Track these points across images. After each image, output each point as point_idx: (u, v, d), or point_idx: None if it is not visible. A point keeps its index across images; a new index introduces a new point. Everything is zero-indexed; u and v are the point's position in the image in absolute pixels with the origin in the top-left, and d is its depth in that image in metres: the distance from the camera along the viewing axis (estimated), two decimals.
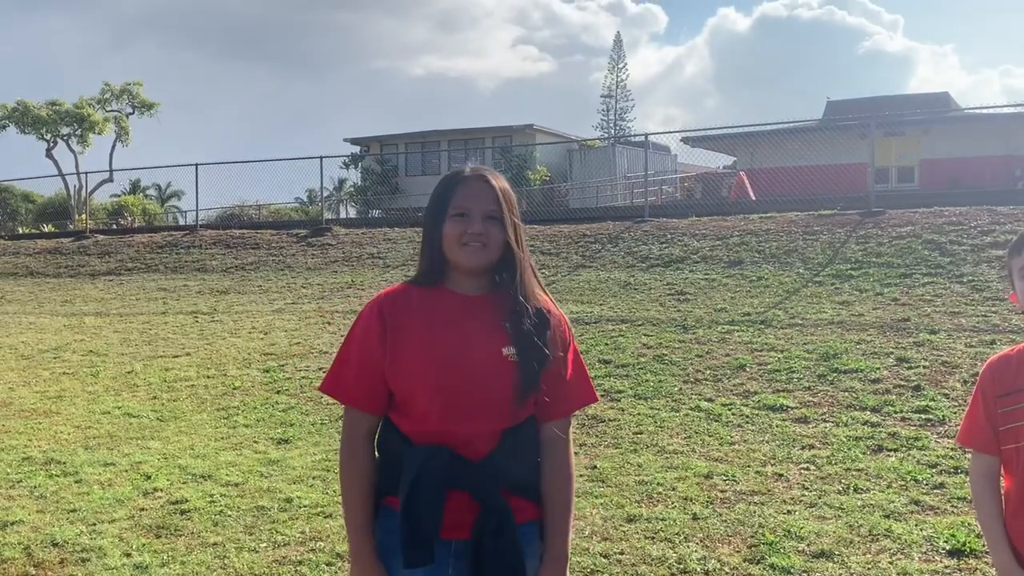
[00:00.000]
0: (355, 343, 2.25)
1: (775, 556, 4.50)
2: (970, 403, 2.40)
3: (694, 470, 5.96)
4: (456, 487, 2.12)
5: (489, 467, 2.14)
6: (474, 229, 2.17)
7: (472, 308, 2.22)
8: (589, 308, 11.63)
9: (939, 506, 5.13)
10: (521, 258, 2.23)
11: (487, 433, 2.16)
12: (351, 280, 15.29)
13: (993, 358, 2.39)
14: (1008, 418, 2.25)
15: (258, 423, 7.68)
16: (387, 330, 2.20)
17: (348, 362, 2.25)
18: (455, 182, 2.24)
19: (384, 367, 2.19)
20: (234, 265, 17.79)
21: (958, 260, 11.34)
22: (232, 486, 5.96)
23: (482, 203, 2.19)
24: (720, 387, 7.97)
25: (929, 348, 8.33)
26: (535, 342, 2.18)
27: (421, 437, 2.16)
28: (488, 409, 2.16)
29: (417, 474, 2.10)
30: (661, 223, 15.91)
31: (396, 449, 2.20)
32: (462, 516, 2.13)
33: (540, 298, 2.26)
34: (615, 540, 4.82)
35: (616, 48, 77.43)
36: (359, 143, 37.53)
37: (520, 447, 2.21)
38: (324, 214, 23.46)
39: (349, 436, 2.26)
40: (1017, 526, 2.26)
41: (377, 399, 2.22)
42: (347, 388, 2.25)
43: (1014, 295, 2.33)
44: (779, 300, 10.97)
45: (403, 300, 2.25)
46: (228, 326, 12.32)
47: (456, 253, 2.19)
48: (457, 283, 2.25)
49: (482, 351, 2.17)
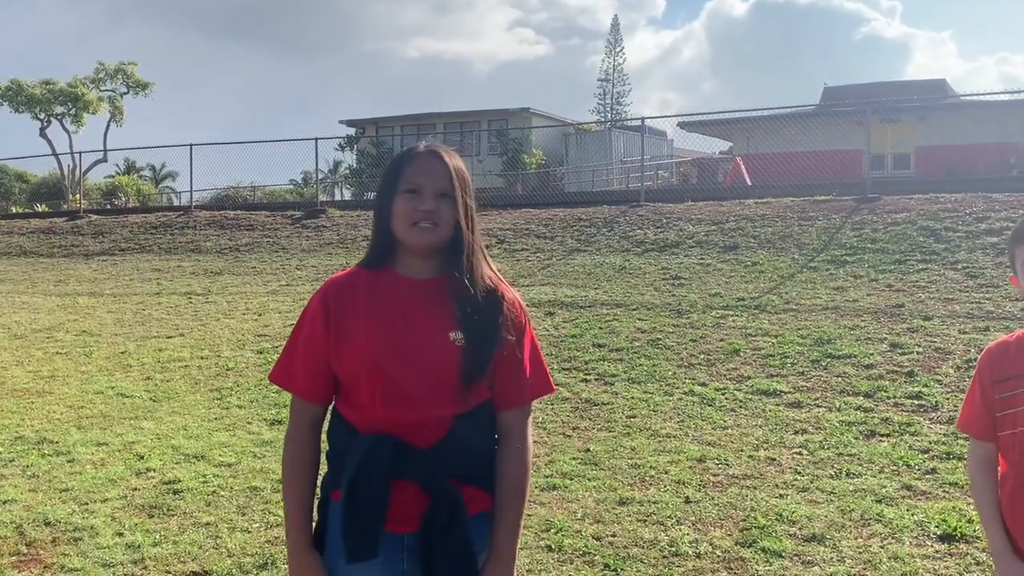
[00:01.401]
0: (301, 331, 2.19)
1: (767, 540, 4.51)
2: (969, 389, 2.40)
3: (687, 454, 5.97)
4: (403, 477, 2.03)
5: (437, 456, 2.06)
6: (426, 206, 2.08)
7: (419, 291, 2.14)
8: (584, 292, 11.62)
9: (931, 491, 5.15)
10: (470, 239, 2.14)
11: (435, 420, 2.07)
12: (345, 262, 15.26)
13: (992, 344, 2.39)
14: (1005, 404, 2.25)
15: (251, 404, 7.68)
16: (331, 316, 2.13)
17: (294, 351, 2.19)
18: (408, 158, 2.15)
19: (329, 355, 2.12)
20: (228, 246, 17.75)
21: (953, 247, 11.35)
22: (225, 467, 5.95)
23: (434, 180, 2.10)
24: (714, 371, 7.98)
25: (923, 334, 8.35)
26: (483, 326, 2.10)
27: (367, 426, 2.08)
28: (434, 395, 2.07)
29: (359, 464, 2.02)
30: (657, 208, 15.90)
31: (343, 439, 2.13)
32: (412, 508, 2.05)
33: (491, 280, 2.17)
34: (607, 523, 4.83)
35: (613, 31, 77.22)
36: (355, 125, 37.39)
37: (472, 435, 2.12)
38: (319, 196, 23.40)
39: (294, 425, 2.19)
40: (1013, 511, 2.26)
41: (321, 388, 2.16)
42: (293, 377, 2.19)
43: (1014, 278, 2.32)
44: (774, 285, 10.98)
45: (350, 285, 2.17)
46: (222, 307, 12.30)
47: (405, 232, 2.11)
48: (405, 265, 2.16)
49: (427, 335, 2.09)
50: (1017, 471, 2.24)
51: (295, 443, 2.18)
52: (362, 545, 2.01)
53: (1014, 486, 2.25)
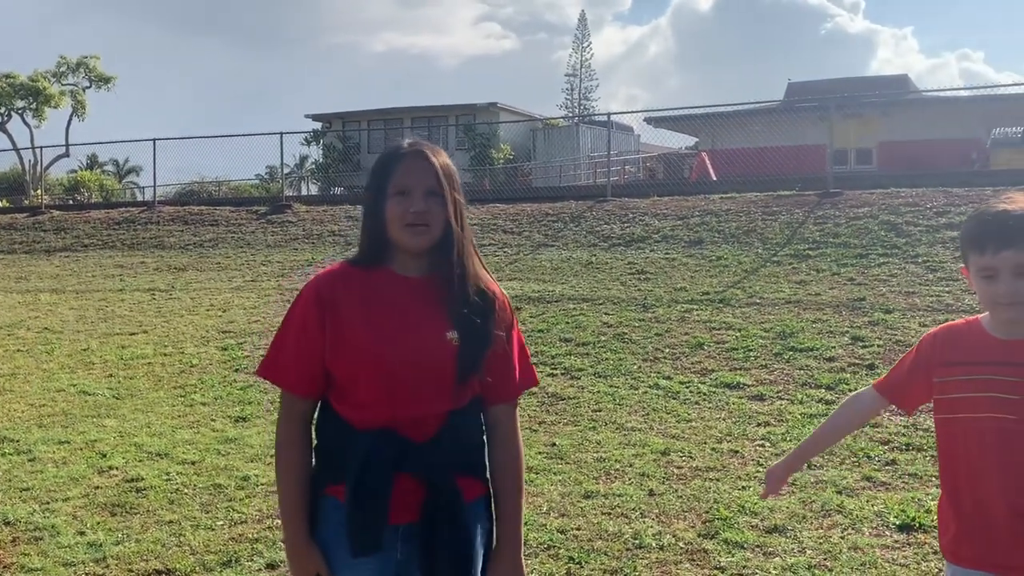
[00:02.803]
0: (292, 327, 2.19)
1: (729, 531, 4.56)
2: (900, 360, 2.45)
3: (651, 447, 6.02)
4: (403, 470, 2.09)
5: (434, 448, 2.11)
6: (416, 207, 2.10)
7: (415, 290, 2.17)
8: (551, 287, 11.66)
9: (890, 482, 5.23)
10: (461, 237, 2.17)
11: (432, 415, 2.13)
12: (311, 257, 15.19)
13: (940, 327, 2.42)
14: (944, 388, 2.29)
15: (215, 401, 7.63)
16: (327, 313, 2.14)
17: (285, 346, 2.20)
18: (394, 159, 2.16)
19: (323, 351, 2.14)
20: (192, 242, 17.59)
21: (913, 241, 11.52)
22: (189, 464, 5.92)
23: (423, 180, 2.12)
24: (678, 365, 8.04)
25: (883, 327, 8.47)
26: (477, 324, 2.14)
27: (364, 422, 2.11)
28: (433, 392, 2.12)
29: (365, 460, 2.07)
30: (623, 203, 15.97)
31: (337, 436, 2.16)
32: (409, 499, 2.10)
33: (482, 277, 2.21)
34: (572, 516, 4.86)
35: (580, 27, 77.54)
36: (320, 119, 37.17)
37: (464, 428, 2.19)
38: (285, 191, 23.24)
39: (286, 420, 2.21)
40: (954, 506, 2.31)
41: (315, 383, 2.17)
42: (284, 372, 2.19)
43: (965, 270, 2.35)
44: (738, 279, 11.08)
45: (343, 282, 2.19)
46: (186, 303, 12.20)
47: (399, 233, 2.13)
48: (400, 264, 2.19)
49: (425, 333, 2.13)
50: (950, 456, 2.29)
51: (288, 438, 2.19)
52: (368, 539, 2.06)
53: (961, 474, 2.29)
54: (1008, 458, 2.20)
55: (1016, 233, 2.16)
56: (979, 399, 2.23)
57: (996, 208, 2.24)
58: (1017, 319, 2.21)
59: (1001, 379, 2.21)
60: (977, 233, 2.23)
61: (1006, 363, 2.21)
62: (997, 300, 2.20)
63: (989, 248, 2.18)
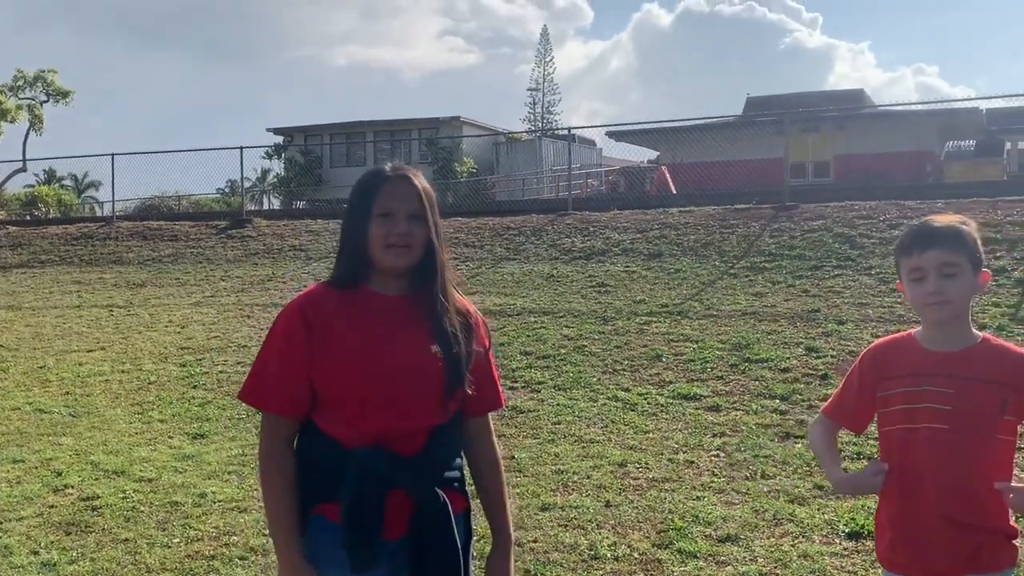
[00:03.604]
0: (276, 347, 2.22)
1: (683, 541, 4.64)
2: (845, 379, 2.53)
3: (609, 459, 6.08)
4: (394, 486, 2.14)
5: (423, 462, 2.18)
6: (400, 230, 2.18)
7: (396, 308, 2.24)
8: (512, 300, 11.72)
9: None
10: (442, 258, 2.26)
11: (421, 429, 2.20)
12: (272, 273, 15.12)
13: (878, 342, 2.52)
14: (886, 402, 2.38)
15: (173, 418, 7.58)
16: (313, 334, 2.17)
17: (268, 367, 2.23)
18: (378, 181, 2.23)
19: (310, 371, 2.17)
20: (151, 257, 17.44)
21: (867, 253, 11.73)
22: (145, 482, 5.89)
23: (406, 203, 2.20)
24: (637, 377, 8.13)
25: (837, 338, 8.63)
26: (459, 340, 2.23)
27: (353, 440, 2.15)
28: (422, 406, 2.20)
29: (360, 478, 2.10)
30: (584, 216, 16.10)
31: (326, 455, 2.18)
32: (398, 514, 2.15)
33: (456, 297, 2.31)
34: (529, 528, 4.91)
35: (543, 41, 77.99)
36: (282, 133, 36.97)
37: (449, 442, 2.28)
38: (246, 205, 23.12)
39: (271, 442, 2.22)
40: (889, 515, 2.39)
41: (301, 404, 2.20)
42: (269, 395, 2.22)
43: (900, 284, 2.45)
44: (696, 292, 11.22)
45: (325, 303, 2.23)
46: (144, 320, 12.09)
47: (381, 254, 2.19)
48: (379, 284, 2.25)
49: (410, 351, 2.20)
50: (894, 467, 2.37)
51: (274, 460, 2.20)
52: (367, 556, 2.10)
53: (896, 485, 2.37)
54: (942, 467, 2.28)
55: (941, 236, 2.31)
56: (916, 410, 2.32)
57: (924, 219, 2.41)
58: (944, 320, 2.31)
59: (936, 390, 2.30)
60: (907, 239, 2.38)
61: (940, 375, 2.30)
62: (926, 300, 2.30)
63: (916, 249, 2.32)
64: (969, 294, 2.34)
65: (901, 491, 2.35)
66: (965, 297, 2.33)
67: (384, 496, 2.12)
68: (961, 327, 2.36)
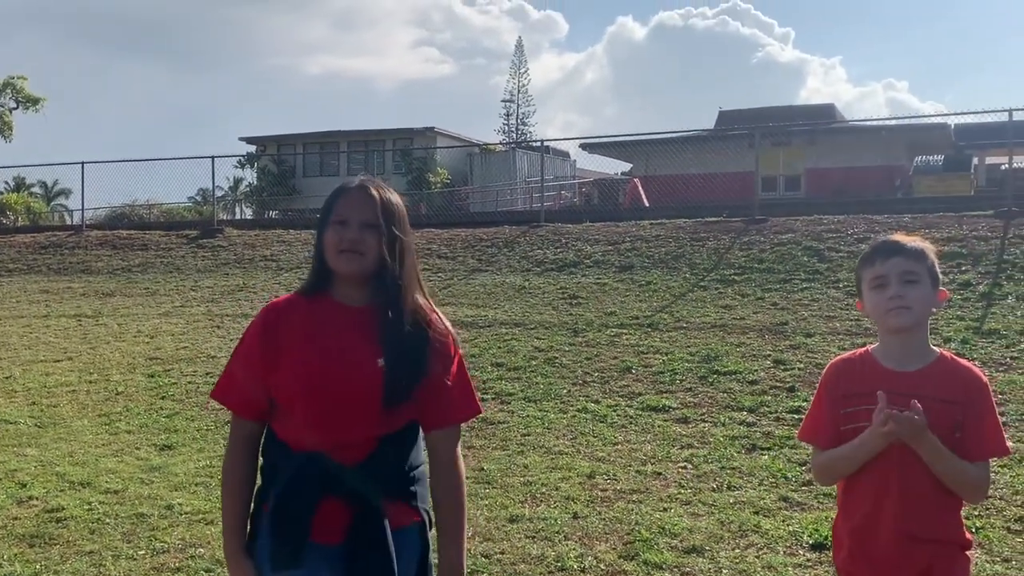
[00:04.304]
0: (240, 353, 2.35)
1: (649, 552, 4.67)
2: (813, 401, 2.57)
3: (578, 470, 6.11)
4: (331, 493, 2.19)
5: (362, 473, 2.20)
6: (350, 236, 2.23)
7: (353, 318, 2.28)
8: (483, 312, 11.74)
9: (806, 502, 5.40)
10: (396, 269, 2.27)
11: (361, 440, 2.22)
12: (242, 283, 15.05)
13: (837, 359, 2.57)
14: (848, 419, 2.42)
15: (141, 429, 7.53)
16: (269, 340, 2.27)
17: (233, 371, 2.36)
18: (341, 192, 2.31)
19: (265, 377, 2.26)
20: (121, 267, 17.30)
21: (835, 266, 11.87)
22: (111, 493, 5.84)
23: (361, 212, 2.25)
24: (607, 389, 8.17)
25: (804, 351, 8.72)
26: (409, 353, 2.23)
27: (300, 445, 2.23)
28: (361, 418, 2.22)
29: (289, 480, 2.19)
30: (556, 228, 16.16)
31: (275, 458, 2.29)
32: (335, 521, 2.19)
33: (422, 309, 2.30)
34: (497, 540, 4.92)
35: (518, 53, 78.17)
36: (255, 142, 36.80)
37: (398, 454, 2.27)
38: (218, 215, 22.99)
39: (230, 440, 2.37)
40: (848, 526, 2.44)
41: (256, 407, 2.31)
42: (230, 395, 2.36)
43: (860, 303, 2.51)
44: (666, 304, 11.30)
45: (288, 311, 2.32)
46: (113, 330, 12.00)
47: (334, 260, 2.26)
48: (341, 293, 2.31)
49: (356, 360, 2.23)
50: (852, 483, 2.41)
51: (230, 457, 2.34)
52: (285, 555, 2.17)
53: (857, 499, 2.42)
54: (901, 483, 2.33)
55: (904, 247, 2.40)
56: None
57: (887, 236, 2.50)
58: (904, 327, 2.36)
59: (896, 409, 2.34)
60: (869, 252, 2.47)
61: (899, 394, 2.35)
62: (888, 305, 2.36)
63: (879, 258, 2.40)
64: (928, 306, 2.39)
65: (860, 505, 2.40)
66: (925, 307, 2.38)
67: (313, 501, 2.17)
68: (919, 342, 2.41)
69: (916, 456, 2.30)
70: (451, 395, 2.32)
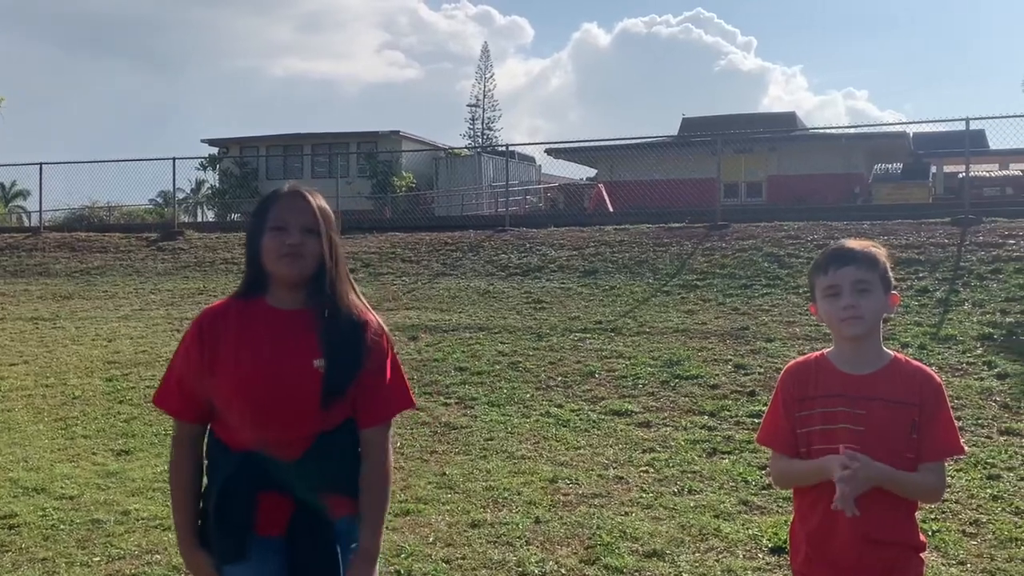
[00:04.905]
0: (178, 358, 2.42)
1: (610, 557, 4.68)
2: (771, 405, 2.59)
3: (540, 475, 6.11)
4: (271, 488, 2.30)
5: (301, 468, 2.29)
6: (292, 240, 2.29)
7: (287, 321, 2.35)
8: (448, 316, 11.71)
9: (765, 506, 5.44)
10: (333, 272, 2.36)
11: (299, 437, 2.31)
12: (203, 286, 14.89)
13: (792, 363, 2.59)
14: (803, 422, 2.45)
15: (98, 434, 7.42)
16: (205, 345, 2.34)
17: (171, 376, 2.43)
18: (274, 198, 2.38)
19: (203, 380, 2.34)
20: (79, 269, 17.05)
21: (795, 272, 11.99)
22: (67, 499, 5.74)
23: (300, 217, 2.32)
24: (570, 393, 8.19)
25: (764, 355, 8.80)
26: (343, 353, 2.31)
27: (237, 444, 2.32)
28: (296, 417, 2.30)
29: (226, 479, 2.30)
30: (521, 233, 16.18)
31: (216, 458, 2.38)
32: (277, 514, 2.31)
33: (356, 308, 2.38)
34: (458, 545, 4.90)
35: (483, 58, 78.05)
36: (218, 144, 36.44)
37: (334, 449, 2.35)
38: (179, 217, 22.74)
39: (174, 444, 2.44)
40: (806, 529, 2.46)
41: (195, 410, 2.39)
42: (170, 400, 2.43)
43: (813, 307, 2.54)
44: (629, 309, 11.35)
45: (223, 315, 2.39)
46: (70, 333, 11.81)
47: (274, 264, 2.32)
48: (275, 296, 2.38)
49: (290, 363, 2.31)
50: (808, 488, 2.44)
51: (174, 458, 2.42)
52: (229, 548, 2.28)
53: (811, 501, 2.44)
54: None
55: (855, 255, 2.41)
56: (834, 431, 2.38)
57: (838, 242, 2.51)
58: (858, 335, 2.39)
59: (850, 412, 2.37)
60: (822, 259, 2.47)
61: (854, 396, 2.38)
62: (841, 315, 2.38)
63: (832, 267, 2.41)
64: (880, 312, 2.43)
65: (817, 508, 2.41)
66: (877, 314, 2.41)
67: (252, 496, 2.28)
68: (872, 346, 2.44)
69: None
70: (386, 391, 2.40)
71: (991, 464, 5.99)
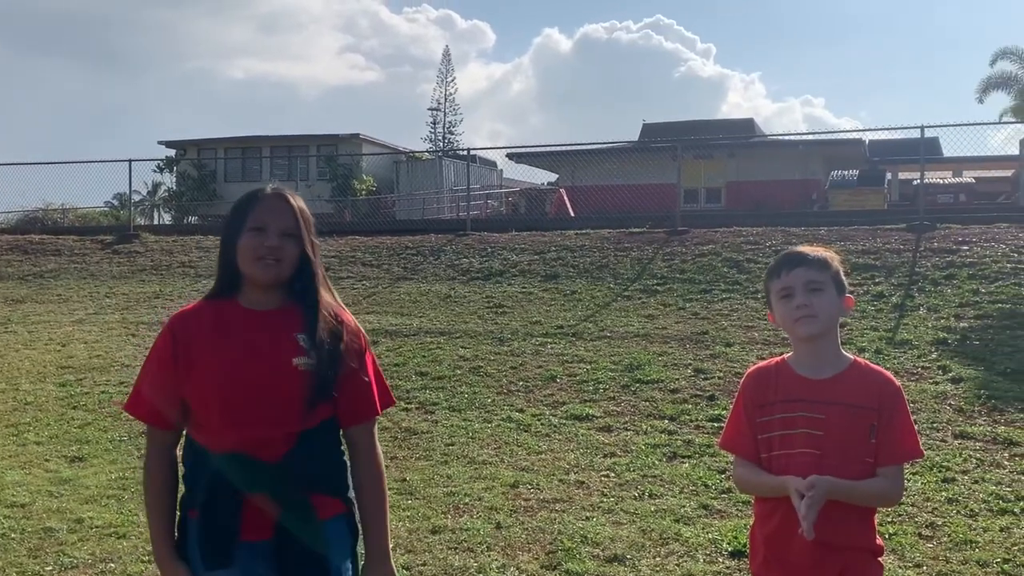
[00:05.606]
0: (150, 364, 2.37)
1: (571, 562, 4.67)
2: (732, 410, 2.60)
3: (501, 480, 6.10)
4: (254, 490, 2.24)
5: (284, 468, 2.25)
6: (270, 243, 2.27)
7: (261, 321, 2.32)
8: (408, 320, 11.66)
9: (725, 510, 5.47)
10: (316, 272, 2.34)
11: (279, 437, 2.26)
12: (159, 290, 14.68)
13: (752, 368, 2.60)
14: (764, 428, 2.46)
15: (51, 440, 7.27)
16: (178, 349, 2.30)
17: (144, 383, 2.37)
18: (254, 199, 2.34)
19: (178, 384, 2.29)
20: (32, 272, 16.72)
21: (753, 277, 12.10)
22: (18, 507, 5.62)
23: (280, 220, 2.30)
24: (531, 398, 8.18)
25: (724, 360, 8.87)
26: (327, 351, 2.29)
27: (216, 447, 2.26)
28: (277, 416, 2.26)
29: (211, 483, 2.24)
30: (483, 237, 16.16)
31: (194, 463, 2.32)
32: (262, 517, 2.25)
33: (333, 308, 2.37)
34: (418, 552, 4.87)
35: (445, 62, 78.01)
36: (175, 146, 35.98)
37: (317, 448, 2.32)
38: (135, 220, 22.41)
39: (148, 451, 2.39)
40: (764, 533, 2.47)
41: (170, 416, 2.33)
42: (143, 407, 2.36)
43: (771, 315, 2.56)
44: (591, 313, 11.38)
45: (195, 318, 2.35)
46: (23, 337, 11.58)
47: (250, 267, 2.29)
48: (248, 298, 2.35)
49: (270, 362, 2.27)
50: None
51: (150, 467, 2.36)
52: (217, 554, 2.23)
53: (770, 507, 2.45)
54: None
55: (807, 258, 2.45)
56: (793, 436, 2.40)
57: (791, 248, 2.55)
58: (813, 334, 2.41)
59: (809, 416, 2.39)
60: (775, 264, 2.51)
61: (813, 401, 2.40)
62: (795, 315, 2.41)
63: (784, 269, 2.45)
64: (835, 313, 2.45)
65: (775, 512, 2.43)
66: (831, 314, 2.43)
67: (238, 500, 2.23)
68: (831, 350, 2.46)
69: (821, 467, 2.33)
70: (368, 389, 2.39)
71: (946, 467, 6.08)
